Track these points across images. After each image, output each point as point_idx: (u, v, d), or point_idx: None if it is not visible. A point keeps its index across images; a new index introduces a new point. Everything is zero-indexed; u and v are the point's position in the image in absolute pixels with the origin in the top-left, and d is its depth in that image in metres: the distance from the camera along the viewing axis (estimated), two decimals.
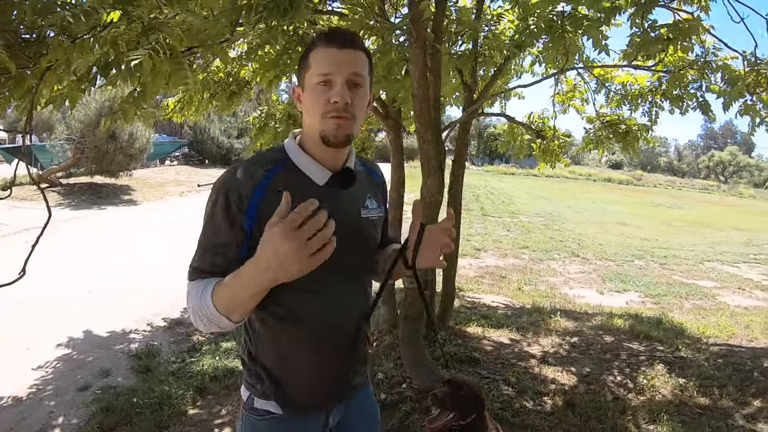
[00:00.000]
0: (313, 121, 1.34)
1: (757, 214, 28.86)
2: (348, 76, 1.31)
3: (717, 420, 3.68)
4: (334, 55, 1.30)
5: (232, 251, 1.29)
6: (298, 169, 1.37)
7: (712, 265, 11.52)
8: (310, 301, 1.38)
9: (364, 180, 1.52)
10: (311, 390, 1.45)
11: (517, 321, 5.92)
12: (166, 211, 14.59)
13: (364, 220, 1.46)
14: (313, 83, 1.32)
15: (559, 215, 18.83)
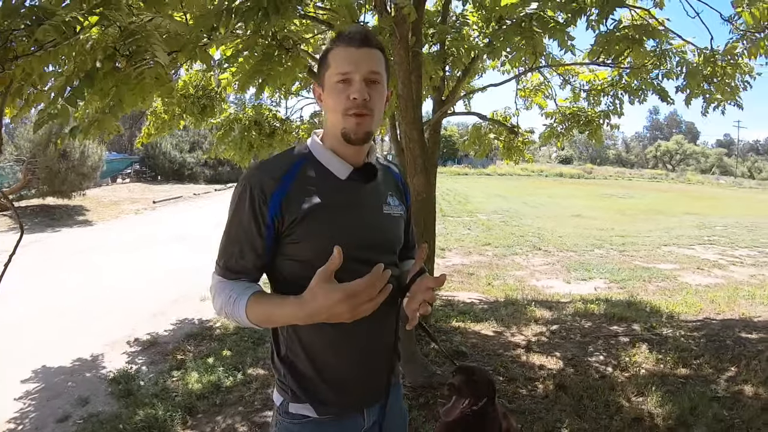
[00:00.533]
0: (335, 119, 1.39)
1: (705, 198, 30.11)
2: (365, 74, 1.35)
3: (700, 387, 3.93)
4: (352, 54, 1.35)
5: (257, 244, 1.36)
6: (321, 163, 1.42)
7: (669, 249, 12.00)
8: None
9: (385, 178, 1.55)
10: (348, 391, 1.46)
11: (495, 314, 6.06)
12: (124, 231, 14.14)
13: (386, 216, 1.49)
14: (333, 82, 1.37)
15: (516, 211, 19.13)
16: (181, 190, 25.96)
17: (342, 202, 1.40)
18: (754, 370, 4.20)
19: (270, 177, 1.36)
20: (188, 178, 32.05)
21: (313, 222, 1.35)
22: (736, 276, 9.26)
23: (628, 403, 3.69)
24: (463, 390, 2.28)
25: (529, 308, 6.33)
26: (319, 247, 1.32)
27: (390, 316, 1.47)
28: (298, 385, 1.45)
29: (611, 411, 3.59)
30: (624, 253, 11.36)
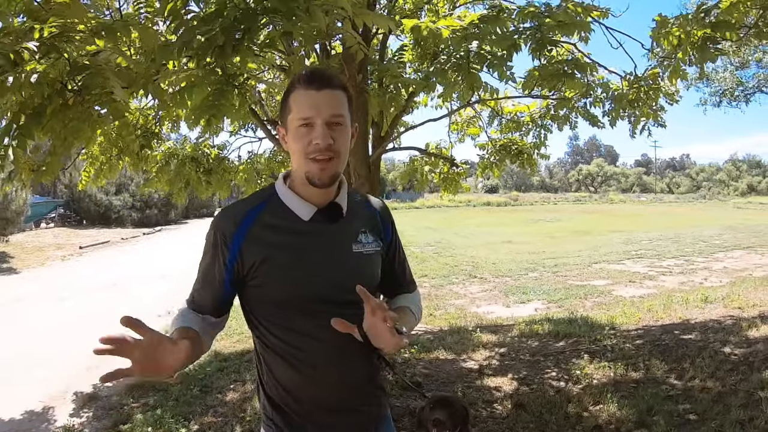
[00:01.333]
0: (299, 162, 1.38)
1: (628, 216, 31.87)
2: (327, 117, 1.34)
3: (652, 388, 4.15)
4: (313, 98, 1.34)
5: (216, 285, 1.42)
6: (284, 205, 1.43)
7: (600, 266, 12.57)
8: (312, 336, 1.40)
9: (359, 215, 1.53)
10: (324, 421, 1.45)
11: (442, 342, 6.12)
12: (51, 279, 13.46)
13: (356, 255, 1.46)
14: (295, 126, 1.36)
15: (448, 242, 19.49)
16: (108, 235, 25.08)
17: (304, 244, 1.40)
18: (700, 366, 4.48)
19: (231, 221, 1.40)
20: (115, 222, 31.03)
21: (274, 265, 1.37)
22: (667, 285, 9.84)
23: (587, 413, 3.83)
24: (448, 423, 2.34)
25: (475, 334, 6.45)
26: (283, 289, 1.38)
27: (360, 354, 1.44)
28: (279, 416, 1.45)
29: (572, 422, 3.71)
30: (558, 274, 11.79)
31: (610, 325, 6.46)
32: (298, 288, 1.38)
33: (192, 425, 4.35)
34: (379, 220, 1.59)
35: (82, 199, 30.48)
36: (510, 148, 6.40)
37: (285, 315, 1.40)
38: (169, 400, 4.96)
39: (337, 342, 1.37)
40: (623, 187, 70.18)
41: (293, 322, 1.40)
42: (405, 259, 1.69)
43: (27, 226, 23.18)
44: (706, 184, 66.98)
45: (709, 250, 14.53)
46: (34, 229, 25.62)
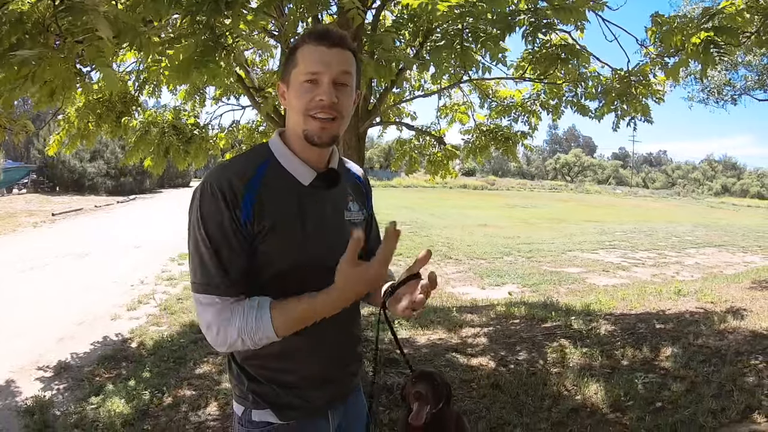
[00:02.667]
0: (297, 119, 1.34)
1: (603, 207, 32.31)
2: (336, 75, 1.30)
3: (627, 374, 4.21)
4: (323, 54, 1.30)
5: (242, 246, 1.29)
6: (284, 168, 1.37)
7: (574, 254, 12.75)
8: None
9: (348, 182, 1.53)
10: (310, 392, 1.43)
11: (419, 321, 6.13)
12: (21, 246, 13.11)
13: (347, 223, 1.45)
14: (300, 81, 1.31)
15: (424, 222, 19.57)
16: (81, 202, 24.62)
17: (308, 212, 1.36)
18: (674, 355, 4.56)
19: (239, 179, 1.29)
20: (89, 189, 30.48)
21: (280, 232, 1.31)
22: (640, 276, 10.03)
23: (564, 396, 3.89)
24: (429, 397, 2.35)
25: (451, 314, 6.48)
26: (290, 257, 1.32)
27: (353, 318, 1.51)
28: (258, 390, 1.40)
29: (548, 404, 3.76)
30: (532, 259, 11.94)
31: (586, 311, 6.55)
32: (304, 254, 1.34)
33: (165, 397, 4.30)
34: (363, 191, 1.60)
35: (56, 165, 29.81)
36: (497, 134, 6.38)
37: (282, 282, 1.32)
38: (142, 371, 4.90)
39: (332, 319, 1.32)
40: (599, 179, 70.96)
41: (289, 289, 1.30)
42: (378, 227, 1.69)
43: None
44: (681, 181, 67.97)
45: (682, 246, 14.83)
46: (6, 194, 25.03)
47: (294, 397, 1.41)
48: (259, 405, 1.40)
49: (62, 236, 14.84)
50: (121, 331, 6.32)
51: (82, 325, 6.54)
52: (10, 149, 28.56)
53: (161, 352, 5.42)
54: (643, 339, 5.08)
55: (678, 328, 5.44)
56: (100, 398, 4.36)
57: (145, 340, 5.91)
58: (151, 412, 4.05)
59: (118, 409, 4.07)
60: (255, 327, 1.25)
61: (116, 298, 7.84)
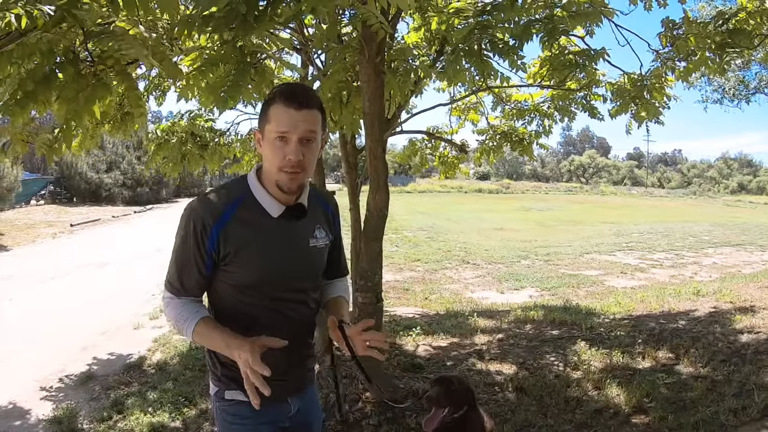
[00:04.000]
0: (271, 170, 1.61)
1: (619, 208, 32.08)
2: (302, 134, 1.55)
3: (648, 375, 4.24)
4: (291, 116, 1.54)
5: (201, 269, 1.62)
6: (257, 201, 1.65)
7: (591, 256, 12.70)
8: (264, 313, 1.68)
9: (315, 211, 1.77)
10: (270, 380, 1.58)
11: (440, 326, 6.21)
12: (41, 256, 13.33)
13: (312, 249, 1.73)
14: (272, 138, 1.56)
15: (440, 227, 19.56)
16: (99, 213, 24.87)
17: (272, 239, 1.64)
18: (694, 356, 4.57)
19: (210, 213, 1.60)
20: (105, 200, 30.82)
21: (247, 255, 1.61)
22: (658, 277, 9.98)
23: (587, 397, 3.92)
24: (441, 400, 2.41)
25: (471, 318, 6.52)
26: (251, 277, 1.64)
27: (303, 324, 1.78)
28: (230, 375, 1.68)
29: (572, 406, 3.79)
30: (549, 263, 11.91)
31: (605, 313, 6.57)
32: (264, 275, 1.64)
33: (192, 406, 4.33)
34: (331, 217, 1.85)
35: (73, 176, 30.24)
36: (510, 135, 6.41)
37: (248, 295, 1.66)
38: (167, 380, 4.95)
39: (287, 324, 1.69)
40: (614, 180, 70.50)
41: (254, 301, 1.66)
42: (342, 246, 1.96)
43: (17, 203, 22.94)
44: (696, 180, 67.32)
45: (699, 246, 14.70)
46: (24, 206, 25.38)
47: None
48: (231, 386, 1.71)
49: (81, 246, 15.03)
50: (144, 340, 6.40)
51: (105, 335, 6.63)
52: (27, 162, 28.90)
53: (185, 361, 5.47)
54: (663, 340, 5.10)
55: (697, 328, 5.45)
56: (126, 407, 4.41)
57: (169, 349, 5.97)
58: (177, 421, 4.09)
59: (144, 418, 4.12)
60: (182, 327, 1.63)
61: (138, 307, 7.93)
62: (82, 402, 4.67)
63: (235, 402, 1.72)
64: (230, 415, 1.75)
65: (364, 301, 3.90)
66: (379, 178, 3.56)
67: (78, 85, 2.41)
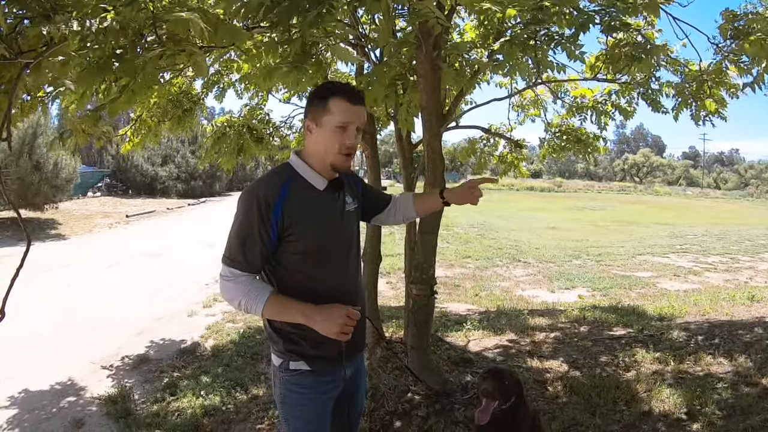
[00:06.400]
0: (326, 154, 1.89)
1: (674, 209, 31.10)
2: (359, 124, 1.90)
3: (699, 380, 4.15)
4: (351, 109, 1.86)
5: (265, 241, 1.82)
6: (304, 178, 1.92)
7: (644, 258, 12.35)
8: (326, 275, 1.91)
9: (347, 184, 2.07)
10: (328, 348, 1.90)
11: (491, 323, 6.18)
12: (98, 246, 13.90)
13: (347, 213, 2.03)
14: (333, 126, 1.85)
15: (491, 224, 19.43)
16: (153, 205, 25.67)
17: (323, 207, 1.92)
18: (747, 362, 4.44)
19: (272, 190, 1.83)
20: (160, 192, 31.71)
21: (306, 222, 1.85)
22: (712, 281, 9.64)
23: (636, 399, 3.85)
24: (496, 393, 2.42)
25: (522, 316, 6.47)
26: (310, 242, 1.87)
27: (353, 280, 2.04)
28: (292, 348, 1.91)
29: (621, 406, 3.73)
30: (601, 263, 11.64)
31: (657, 316, 6.41)
32: (322, 238, 1.89)
33: (241, 392, 4.45)
34: (354, 185, 2.16)
35: (128, 169, 31.28)
36: (570, 135, 6.27)
37: (310, 260, 1.88)
38: (219, 366, 5.09)
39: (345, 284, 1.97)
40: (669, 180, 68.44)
41: (316, 266, 1.89)
42: (373, 187, 2.52)
43: (74, 195, 23.87)
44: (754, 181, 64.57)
45: (755, 250, 14.05)
46: (82, 197, 26.40)
47: (316, 351, 1.91)
48: (294, 357, 1.92)
49: (137, 237, 15.59)
50: (198, 327, 6.60)
51: (160, 321, 6.87)
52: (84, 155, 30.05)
53: (237, 347, 5.62)
54: (715, 345, 4.95)
55: (751, 334, 5.27)
56: (179, 389, 4.56)
57: (222, 336, 6.15)
58: (229, 405, 4.20)
59: (196, 401, 4.26)
60: (248, 303, 1.82)
61: (192, 296, 8.17)
62: (136, 383, 4.85)
63: (299, 372, 1.93)
64: (293, 384, 1.94)
65: (418, 292, 3.90)
66: (436, 171, 3.58)
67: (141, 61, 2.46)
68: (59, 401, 4.50)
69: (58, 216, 18.40)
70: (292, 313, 1.82)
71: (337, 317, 1.77)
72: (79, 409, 4.35)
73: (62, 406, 4.40)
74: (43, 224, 16.91)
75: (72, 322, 6.79)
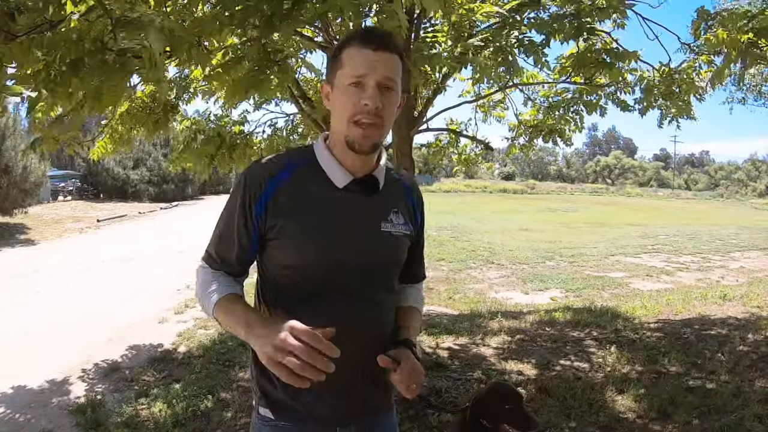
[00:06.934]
0: (340, 124, 1.32)
1: (645, 210, 31.63)
2: (381, 79, 1.27)
3: (673, 380, 4.21)
4: (368, 57, 1.26)
5: (243, 239, 1.35)
6: (321, 168, 1.36)
7: (616, 258, 12.54)
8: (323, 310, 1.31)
9: (394, 193, 1.45)
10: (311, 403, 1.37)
11: (464, 325, 6.19)
12: (69, 251, 13.55)
13: (384, 235, 1.38)
14: (345, 84, 1.28)
15: (464, 227, 19.44)
16: (125, 209, 25.28)
17: (333, 212, 1.33)
18: (720, 361, 4.54)
19: (266, 171, 1.34)
20: (132, 196, 31.23)
21: (298, 230, 1.31)
22: (684, 281, 9.82)
23: (610, 400, 3.89)
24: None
25: (496, 318, 6.50)
26: (301, 258, 1.31)
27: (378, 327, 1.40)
28: (264, 382, 1.42)
29: (596, 408, 3.76)
30: (574, 264, 11.78)
31: (630, 316, 6.51)
32: (315, 255, 1.31)
33: (213, 399, 4.37)
34: (413, 204, 1.51)
35: (100, 172, 30.74)
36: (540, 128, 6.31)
37: (300, 284, 1.33)
38: (191, 373, 5.01)
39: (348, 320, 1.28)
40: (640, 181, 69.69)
41: (306, 294, 1.33)
42: (423, 246, 1.62)
43: (45, 199, 23.37)
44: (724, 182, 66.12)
45: (726, 249, 14.39)
46: (52, 201, 25.88)
47: (296, 401, 1.38)
48: (261, 401, 1.43)
49: (108, 241, 15.27)
50: (169, 333, 6.48)
51: (131, 328, 6.71)
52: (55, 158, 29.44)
53: (209, 354, 5.52)
54: (688, 344, 5.05)
55: (723, 333, 5.37)
56: (150, 399, 4.45)
57: (194, 343, 6.04)
58: (200, 413, 4.12)
59: (167, 410, 4.17)
60: (204, 301, 1.36)
61: (163, 302, 8.02)
62: (106, 392, 4.72)
63: (267, 421, 1.44)
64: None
65: None
66: None
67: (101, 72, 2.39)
68: (27, 412, 4.35)
69: (28, 221, 17.96)
70: (236, 320, 1.26)
71: (275, 336, 1.11)
72: (49, 419, 4.22)
73: (30, 417, 4.25)
74: (12, 229, 16.48)
75: (41, 329, 6.61)
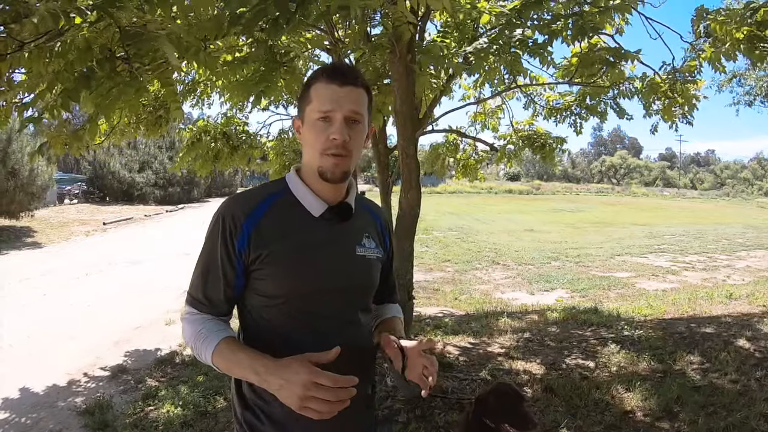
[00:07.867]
0: (312, 156, 1.38)
1: (651, 209, 31.50)
2: (347, 113, 1.34)
3: (679, 379, 4.21)
4: (335, 92, 1.33)
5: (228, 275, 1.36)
6: (296, 199, 1.42)
7: (622, 258, 12.52)
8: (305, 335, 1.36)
9: (364, 218, 1.54)
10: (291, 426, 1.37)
11: (469, 326, 6.21)
12: (75, 254, 13.61)
13: (359, 258, 1.46)
14: (313, 119, 1.35)
15: (470, 228, 19.46)
16: (131, 212, 25.35)
17: (312, 242, 1.39)
18: (725, 360, 4.53)
19: (242, 209, 1.37)
20: (138, 199, 31.32)
21: (281, 260, 1.35)
22: (690, 280, 9.80)
23: (616, 399, 3.90)
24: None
25: (501, 319, 6.50)
26: (286, 286, 1.36)
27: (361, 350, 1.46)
28: (250, 420, 1.41)
29: (601, 407, 3.78)
30: (580, 264, 11.77)
31: (636, 315, 6.51)
32: (300, 284, 1.37)
33: (221, 400, 4.40)
34: (381, 229, 1.59)
35: (106, 176, 30.83)
36: (532, 139, 6.33)
37: (282, 311, 1.38)
38: (197, 374, 5.03)
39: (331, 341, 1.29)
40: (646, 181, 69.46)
41: (292, 318, 1.38)
42: (392, 268, 1.70)
43: (51, 202, 23.45)
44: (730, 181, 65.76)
45: (732, 248, 14.36)
46: (58, 204, 25.99)
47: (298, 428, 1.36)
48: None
49: (114, 244, 15.32)
50: (176, 335, 6.47)
51: (138, 330, 6.77)
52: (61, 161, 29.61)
53: None
54: (693, 343, 5.05)
55: (729, 332, 5.37)
56: (157, 400, 4.49)
57: None
58: (208, 414, 4.15)
59: (175, 410, 4.20)
60: (200, 348, 1.34)
61: (170, 303, 8.04)
62: (114, 394, 4.76)
63: None
64: None
65: None
66: (412, 176, 3.60)
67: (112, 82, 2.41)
68: (36, 413, 4.39)
69: (34, 224, 18.04)
70: (243, 366, 1.27)
71: (296, 383, 1.15)
72: (58, 420, 4.26)
73: (39, 419, 4.29)
74: (19, 232, 16.56)
75: (48, 331, 6.64)
